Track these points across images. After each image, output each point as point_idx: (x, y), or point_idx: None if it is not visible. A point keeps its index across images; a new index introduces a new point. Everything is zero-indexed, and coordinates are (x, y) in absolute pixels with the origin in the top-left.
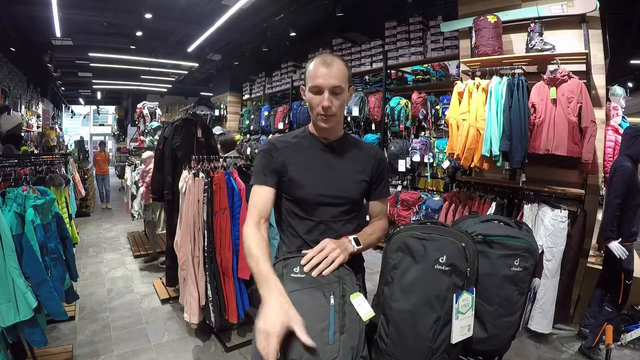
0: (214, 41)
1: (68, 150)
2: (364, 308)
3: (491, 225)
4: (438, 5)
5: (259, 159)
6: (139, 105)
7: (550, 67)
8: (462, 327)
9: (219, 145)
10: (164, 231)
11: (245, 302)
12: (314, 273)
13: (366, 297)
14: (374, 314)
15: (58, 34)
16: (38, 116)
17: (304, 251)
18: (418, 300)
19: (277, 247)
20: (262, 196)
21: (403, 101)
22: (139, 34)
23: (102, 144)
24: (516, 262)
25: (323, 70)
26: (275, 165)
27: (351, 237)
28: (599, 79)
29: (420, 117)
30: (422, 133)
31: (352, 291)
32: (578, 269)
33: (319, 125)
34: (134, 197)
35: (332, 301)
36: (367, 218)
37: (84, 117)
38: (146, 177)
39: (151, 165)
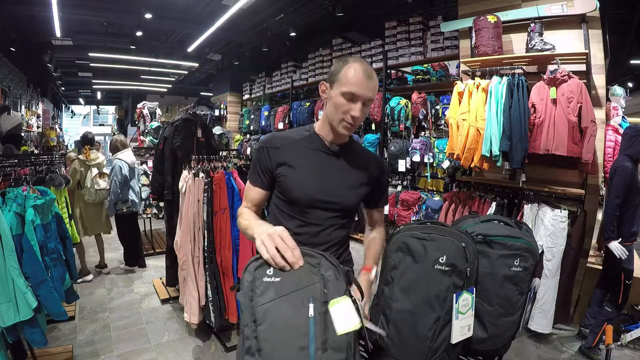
0: (214, 41)
1: (68, 150)
2: (346, 318)
3: (491, 225)
4: (438, 5)
5: (256, 155)
6: (139, 105)
7: (550, 67)
8: (462, 327)
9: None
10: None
11: None
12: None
13: (361, 293)
14: (360, 324)
15: (58, 34)
16: (38, 116)
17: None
18: (418, 300)
19: None
20: (255, 194)
21: (403, 101)
22: (139, 34)
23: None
24: (516, 262)
25: (364, 80)
26: (271, 165)
27: (373, 270)
28: (599, 79)
29: (420, 117)
30: (422, 133)
31: (335, 295)
32: (578, 269)
33: (340, 131)
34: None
35: (311, 311)
36: (366, 224)
37: (84, 117)
38: None
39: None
